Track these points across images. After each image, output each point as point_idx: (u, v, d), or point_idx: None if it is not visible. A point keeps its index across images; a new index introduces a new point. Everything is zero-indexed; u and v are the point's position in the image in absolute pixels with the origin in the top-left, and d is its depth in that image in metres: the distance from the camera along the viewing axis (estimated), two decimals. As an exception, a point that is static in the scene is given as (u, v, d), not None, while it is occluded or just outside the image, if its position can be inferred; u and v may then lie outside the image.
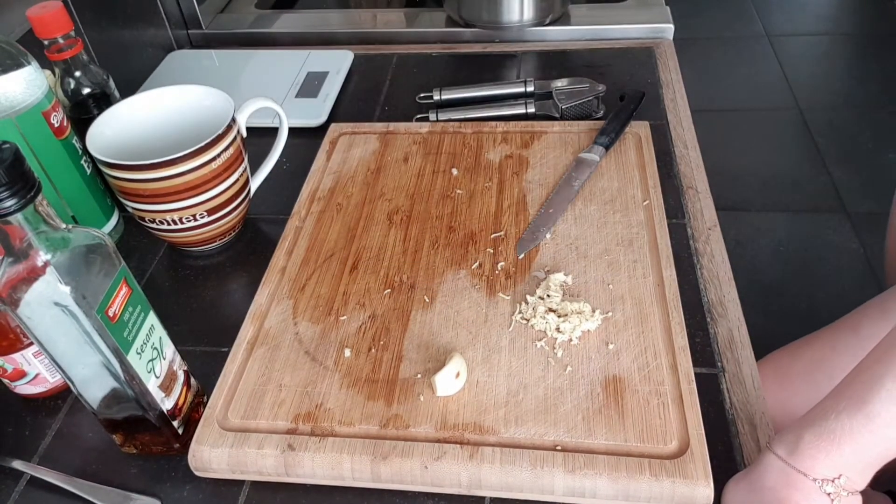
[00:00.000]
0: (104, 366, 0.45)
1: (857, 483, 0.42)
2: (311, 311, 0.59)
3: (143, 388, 0.47)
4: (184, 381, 0.52)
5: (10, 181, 0.37)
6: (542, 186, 0.69)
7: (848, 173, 1.93)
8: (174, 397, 0.50)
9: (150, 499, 0.50)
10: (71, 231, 0.42)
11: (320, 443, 0.49)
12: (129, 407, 0.48)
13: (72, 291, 0.40)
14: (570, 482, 0.46)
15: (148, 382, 0.47)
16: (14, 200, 0.38)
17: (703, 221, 0.67)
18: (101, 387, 0.47)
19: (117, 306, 0.43)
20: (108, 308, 0.42)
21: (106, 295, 0.42)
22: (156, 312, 0.48)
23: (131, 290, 0.45)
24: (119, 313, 0.43)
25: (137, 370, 0.46)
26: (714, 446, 0.49)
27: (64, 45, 0.66)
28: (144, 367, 0.46)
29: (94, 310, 0.41)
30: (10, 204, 0.37)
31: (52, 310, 0.41)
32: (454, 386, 0.51)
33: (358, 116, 0.86)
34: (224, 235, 0.68)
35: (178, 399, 0.51)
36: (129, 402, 0.47)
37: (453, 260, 0.62)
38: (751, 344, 0.57)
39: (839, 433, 0.41)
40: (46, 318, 0.41)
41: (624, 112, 0.75)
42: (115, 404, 0.48)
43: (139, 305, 0.46)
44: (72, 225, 0.42)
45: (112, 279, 0.43)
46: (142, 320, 0.46)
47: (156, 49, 0.99)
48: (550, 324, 0.55)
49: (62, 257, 0.41)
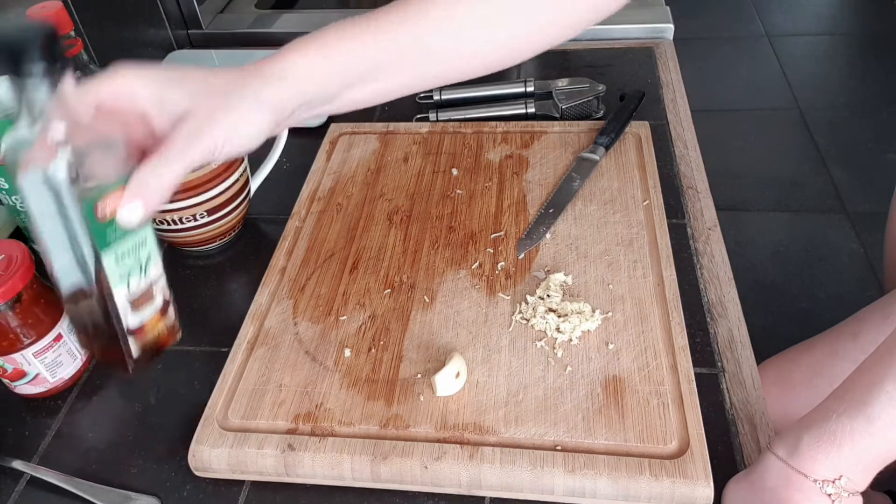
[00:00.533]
0: (79, 259, 0.43)
1: (857, 484, 0.42)
2: (311, 311, 0.59)
3: (110, 292, 0.45)
4: (160, 308, 0.49)
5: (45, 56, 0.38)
6: (542, 186, 0.69)
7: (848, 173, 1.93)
8: (141, 317, 0.48)
9: (150, 498, 0.50)
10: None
11: (320, 443, 0.49)
12: (92, 307, 0.46)
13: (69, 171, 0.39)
14: (570, 482, 0.46)
15: (115, 288, 0.45)
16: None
17: (703, 221, 0.67)
18: (74, 280, 0.45)
19: (109, 206, 0.41)
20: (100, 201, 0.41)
21: (105, 188, 0.41)
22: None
23: None
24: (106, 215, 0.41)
25: (109, 273, 0.44)
26: (714, 446, 0.49)
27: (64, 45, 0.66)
28: (118, 273, 0.45)
29: (85, 198, 0.40)
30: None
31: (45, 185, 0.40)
32: (454, 386, 0.51)
33: (358, 116, 0.85)
34: (224, 235, 0.68)
35: (144, 321, 0.48)
36: (93, 302, 0.46)
37: (453, 260, 0.62)
38: (751, 344, 0.57)
39: (839, 435, 0.41)
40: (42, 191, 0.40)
41: (624, 112, 0.75)
42: (83, 299, 0.46)
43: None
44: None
45: (119, 180, 0.42)
46: (134, 232, 0.45)
47: (156, 49, 0.99)
48: (550, 324, 0.55)
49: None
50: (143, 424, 0.55)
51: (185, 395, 0.57)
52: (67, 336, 0.56)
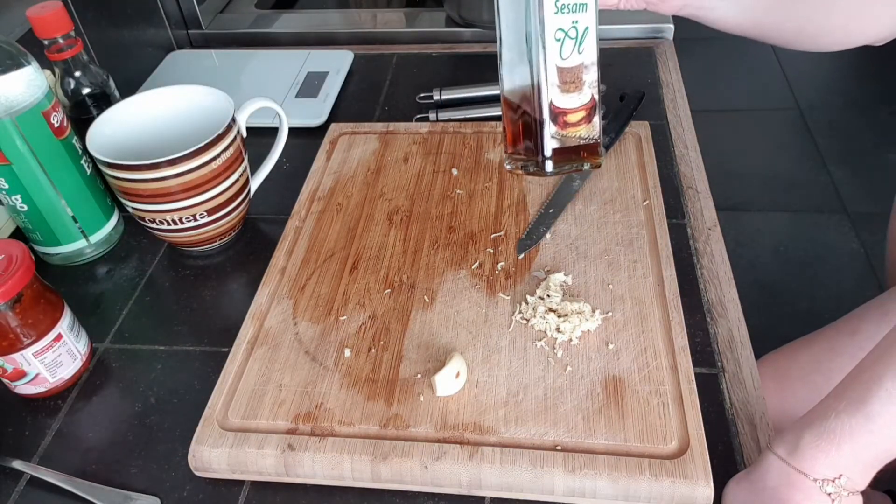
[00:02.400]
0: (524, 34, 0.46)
1: (857, 483, 0.42)
2: (311, 311, 0.59)
3: (543, 57, 0.46)
4: (587, 106, 0.50)
5: None
6: (542, 186, 0.69)
7: (848, 173, 1.93)
8: (568, 102, 0.48)
9: (150, 498, 0.50)
10: None
11: (320, 443, 0.49)
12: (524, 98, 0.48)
13: None
14: (570, 482, 0.46)
15: (548, 43, 0.46)
16: None
17: (703, 221, 0.67)
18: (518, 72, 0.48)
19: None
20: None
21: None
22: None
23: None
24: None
25: (547, 24, 0.45)
26: (714, 446, 0.49)
27: (64, 45, 0.66)
28: (552, 25, 0.46)
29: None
30: None
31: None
32: (454, 386, 0.51)
33: (358, 116, 0.86)
34: (224, 235, 0.68)
35: (571, 109, 0.49)
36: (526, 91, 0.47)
37: (453, 260, 0.62)
38: (751, 344, 0.57)
39: (839, 433, 0.41)
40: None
41: (624, 112, 0.75)
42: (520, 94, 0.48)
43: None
44: None
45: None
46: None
47: (156, 49, 0.99)
48: (550, 324, 0.55)
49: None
50: (143, 424, 0.55)
51: (185, 395, 0.57)
52: (67, 336, 0.56)
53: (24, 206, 0.64)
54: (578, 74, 0.49)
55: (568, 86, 0.48)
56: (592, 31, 0.48)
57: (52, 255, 0.69)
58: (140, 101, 0.67)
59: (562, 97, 0.48)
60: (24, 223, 0.66)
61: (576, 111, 0.49)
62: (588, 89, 0.49)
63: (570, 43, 0.47)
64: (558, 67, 0.47)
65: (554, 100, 0.48)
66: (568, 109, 0.49)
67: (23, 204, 0.64)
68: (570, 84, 0.48)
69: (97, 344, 0.62)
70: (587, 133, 0.51)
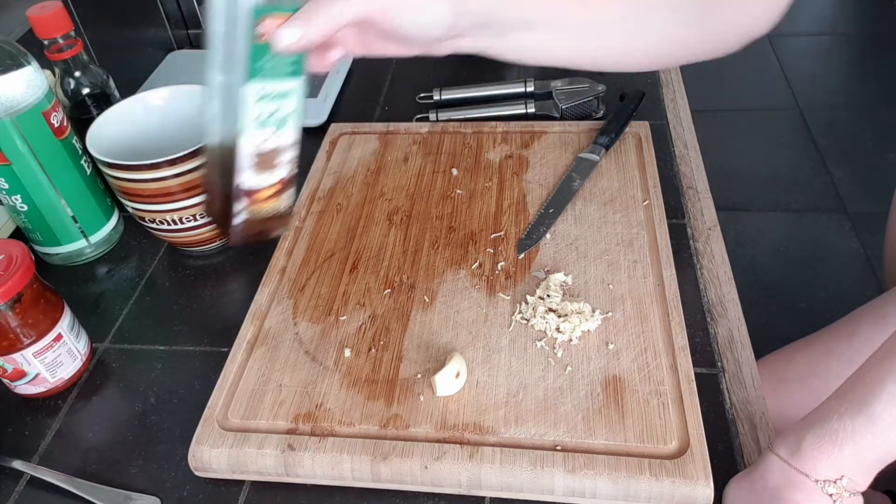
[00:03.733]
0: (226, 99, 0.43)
1: (858, 484, 0.42)
2: (311, 311, 0.59)
3: (235, 131, 0.44)
4: (279, 183, 0.48)
5: None
6: (542, 186, 0.69)
7: (848, 173, 1.93)
8: (259, 181, 0.47)
9: (150, 498, 0.50)
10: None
11: (320, 443, 0.49)
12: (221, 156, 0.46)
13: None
14: (570, 482, 0.46)
15: (245, 137, 0.44)
16: None
17: (703, 221, 0.67)
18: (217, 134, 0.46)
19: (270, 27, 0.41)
20: (267, 18, 0.41)
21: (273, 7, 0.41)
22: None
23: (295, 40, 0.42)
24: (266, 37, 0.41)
25: (247, 110, 0.43)
26: (714, 446, 0.49)
27: (64, 45, 0.66)
28: (255, 116, 0.44)
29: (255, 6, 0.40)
30: None
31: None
32: (454, 386, 0.51)
33: (358, 116, 0.86)
34: (224, 235, 0.68)
35: (260, 188, 0.47)
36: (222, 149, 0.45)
37: (453, 260, 0.62)
38: (751, 344, 0.57)
39: (841, 435, 0.41)
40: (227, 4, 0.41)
41: (624, 112, 0.75)
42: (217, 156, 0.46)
43: (296, 60, 0.44)
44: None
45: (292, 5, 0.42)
46: (286, 73, 0.44)
47: (156, 49, 0.99)
48: (550, 324, 0.55)
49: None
50: (143, 424, 0.55)
51: (185, 395, 0.57)
52: (67, 336, 0.56)
53: (24, 206, 0.64)
54: (275, 156, 0.47)
55: (263, 167, 0.47)
56: (295, 115, 0.47)
57: (52, 255, 0.69)
58: (140, 101, 0.67)
59: (255, 177, 0.47)
60: (24, 223, 0.66)
61: (268, 188, 0.48)
62: (284, 167, 0.48)
63: (270, 129, 0.46)
64: (255, 153, 0.46)
65: (247, 180, 0.47)
66: (260, 188, 0.48)
67: (23, 204, 0.64)
68: (265, 165, 0.47)
69: (97, 344, 0.62)
70: (278, 206, 0.50)
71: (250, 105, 0.43)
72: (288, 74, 0.44)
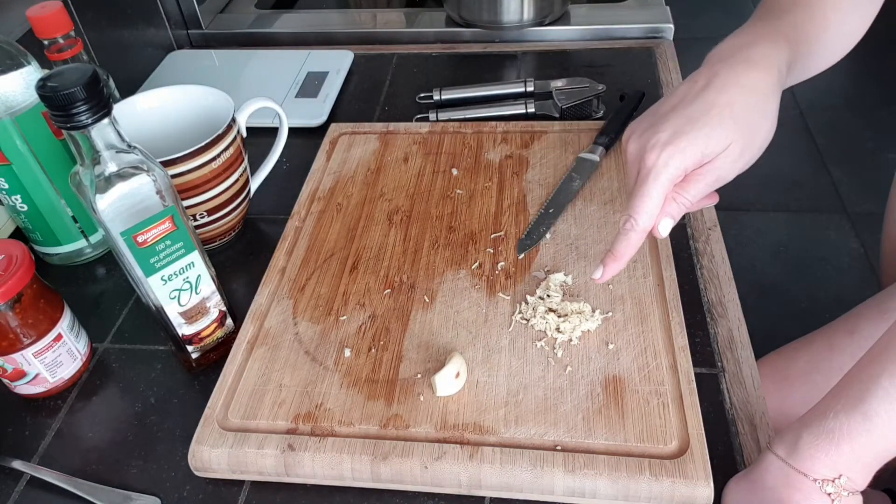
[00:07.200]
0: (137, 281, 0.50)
1: (857, 483, 0.42)
2: (311, 311, 0.59)
3: (162, 310, 0.52)
4: (216, 319, 0.55)
5: (88, 97, 0.42)
6: (542, 186, 0.69)
7: (848, 173, 1.93)
8: (196, 327, 0.54)
9: (150, 498, 0.50)
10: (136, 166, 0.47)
11: (320, 443, 0.49)
12: (156, 317, 0.53)
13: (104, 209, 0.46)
14: (570, 482, 0.46)
15: (167, 307, 0.52)
16: (88, 115, 0.43)
17: (703, 221, 0.67)
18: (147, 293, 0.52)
19: (152, 236, 0.48)
20: (138, 234, 0.47)
21: (141, 223, 0.47)
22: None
23: (176, 227, 0.49)
24: (151, 242, 0.48)
25: (158, 294, 0.51)
26: (714, 446, 0.49)
27: (64, 45, 0.66)
28: (167, 293, 0.51)
29: (120, 232, 0.47)
30: (86, 118, 0.43)
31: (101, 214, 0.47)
32: (454, 386, 0.51)
33: (358, 116, 0.86)
34: (224, 235, 0.68)
35: (200, 330, 0.55)
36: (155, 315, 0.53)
37: (453, 260, 0.62)
38: (751, 344, 0.57)
39: (837, 433, 0.41)
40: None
41: (624, 112, 0.75)
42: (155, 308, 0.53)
43: (181, 242, 0.50)
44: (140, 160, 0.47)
45: (155, 213, 0.48)
46: (179, 256, 0.50)
47: (156, 49, 0.99)
48: (550, 324, 0.55)
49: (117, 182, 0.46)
50: (143, 424, 0.55)
51: (185, 395, 0.57)
52: (67, 336, 0.56)
53: (24, 206, 0.64)
54: (200, 308, 0.54)
55: (193, 319, 0.54)
56: (205, 272, 0.53)
57: (52, 255, 0.69)
58: (140, 101, 0.67)
59: (190, 327, 0.54)
60: (24, 223, 0.66)
61: (206, 328, 0.55)
62: (214, 308, 0.55)
63: (186, 294, 0.52)
64: (181, 312, 0.53)
65: (183, 332, 0.54)
66: (199, 331, 0.55)
67: (23, 204, 0.64)
68: (195, 317, 0.54)
69: (97, 344, 0.62)
70: (224, 333, 0.57)
71: (158, 289, 0.51)
72: (181, 255, 0.50)
